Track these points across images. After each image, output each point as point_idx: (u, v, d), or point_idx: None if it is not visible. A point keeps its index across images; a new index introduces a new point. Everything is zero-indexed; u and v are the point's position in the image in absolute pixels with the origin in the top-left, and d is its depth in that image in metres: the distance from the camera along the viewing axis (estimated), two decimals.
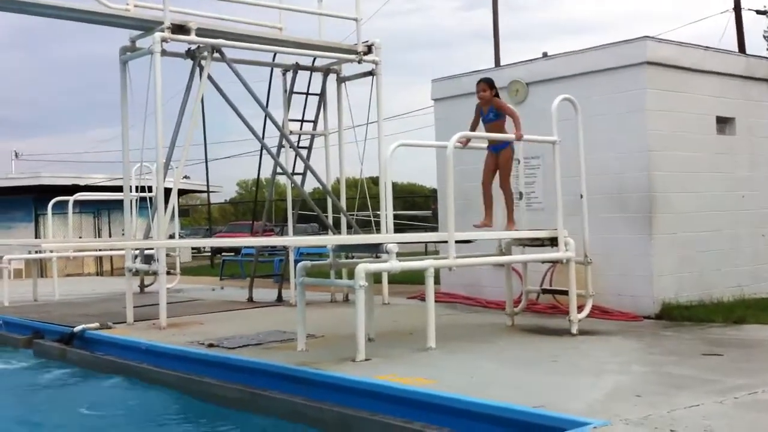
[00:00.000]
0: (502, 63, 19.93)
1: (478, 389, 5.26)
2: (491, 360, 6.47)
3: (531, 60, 10.41)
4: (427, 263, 7.06)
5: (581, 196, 7.87)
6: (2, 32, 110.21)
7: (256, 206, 21.94)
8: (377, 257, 7.70)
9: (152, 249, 9.57)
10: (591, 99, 8.91)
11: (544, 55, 10.46)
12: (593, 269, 7.89)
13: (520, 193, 8.61)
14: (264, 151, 11.61)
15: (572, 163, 7.89)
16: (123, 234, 25.31)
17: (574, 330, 7.58)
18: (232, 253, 22.93)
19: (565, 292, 7.83)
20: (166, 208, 9.36)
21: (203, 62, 9.84)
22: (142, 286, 13.69)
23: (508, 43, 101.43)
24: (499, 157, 8.29)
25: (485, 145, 8.42)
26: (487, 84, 8.30)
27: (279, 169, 11.28)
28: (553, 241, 7.78)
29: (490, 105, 8.24)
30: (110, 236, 24.08)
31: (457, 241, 7.11)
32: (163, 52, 9.25)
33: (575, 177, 7.91)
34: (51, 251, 12.78)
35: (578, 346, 7.00)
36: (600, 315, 8.51)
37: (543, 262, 8.41)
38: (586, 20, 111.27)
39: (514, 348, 7.05)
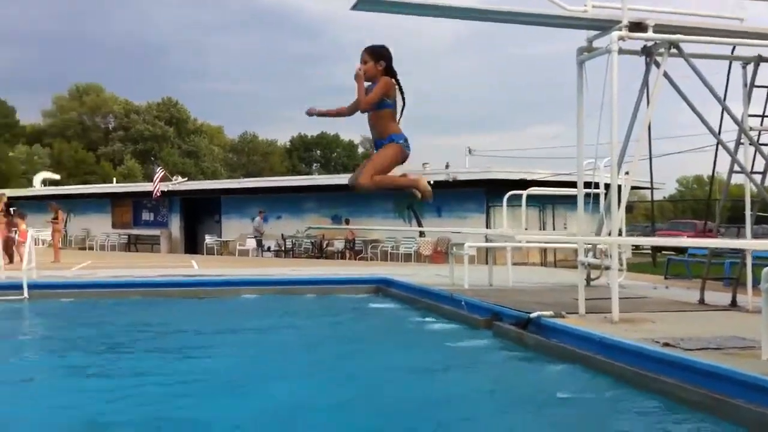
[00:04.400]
0: None
1: None
2: None
3: None
4: None
5: None
6: (455, 37, 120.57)
7: (709, 206, 21.11)
8: None
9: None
10: None
11: None
12: None
13: None
14: (719, 148, 11.11)
15: None
16: (565, 227, 26.10)
17: None
18: (673, 252, 22.27)
19: None
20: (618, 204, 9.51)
21: (658, 58, 9.74)
22: (588, 279, 14.00)
23: None
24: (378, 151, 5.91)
25: None
26: (369, 53, 5.84)
27: (736, 167, 10.72)
28: None
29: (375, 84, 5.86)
30: (553, 229, 24.92)
31: None
32: (619, 51, 9.37)
33: None
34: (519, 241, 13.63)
35: None
36: None
37: None
38: None
39: None
